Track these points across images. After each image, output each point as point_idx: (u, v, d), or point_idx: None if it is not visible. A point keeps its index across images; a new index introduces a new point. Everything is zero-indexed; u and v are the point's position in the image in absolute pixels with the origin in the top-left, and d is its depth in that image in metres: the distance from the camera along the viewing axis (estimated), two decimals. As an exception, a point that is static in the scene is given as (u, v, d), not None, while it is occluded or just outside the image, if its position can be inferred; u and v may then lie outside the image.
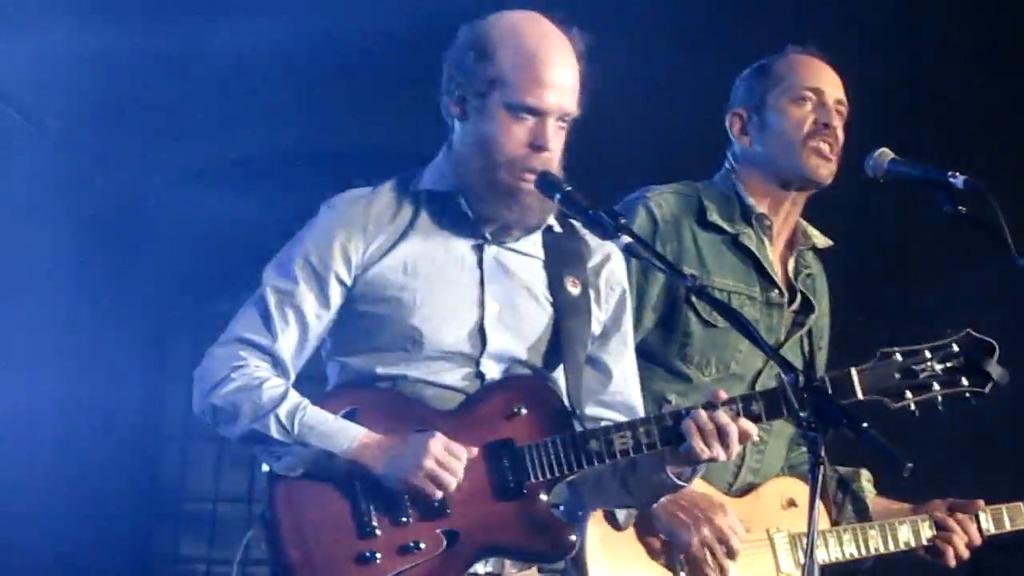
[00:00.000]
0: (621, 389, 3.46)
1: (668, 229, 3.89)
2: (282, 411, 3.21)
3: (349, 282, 3.32)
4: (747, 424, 3.20)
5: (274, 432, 3.21)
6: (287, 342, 3.30)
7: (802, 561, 3.81)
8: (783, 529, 3.88)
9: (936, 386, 3.32)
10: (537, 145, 3.26)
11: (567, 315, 3.38)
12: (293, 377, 3.32)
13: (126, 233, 6.84)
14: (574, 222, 3.43)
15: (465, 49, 3.32)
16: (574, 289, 3.40)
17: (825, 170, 3.90)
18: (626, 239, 3.16)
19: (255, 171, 6.79)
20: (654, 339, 3.88)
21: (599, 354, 3.45)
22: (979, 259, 3.74)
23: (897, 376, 3.31)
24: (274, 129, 6.70)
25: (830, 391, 3.30)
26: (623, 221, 3.17)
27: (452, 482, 3.16)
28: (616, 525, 3.70)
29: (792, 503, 3.90)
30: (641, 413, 3.42)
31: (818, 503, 3.72)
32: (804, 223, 4.04)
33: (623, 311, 3.49)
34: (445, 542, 3.20)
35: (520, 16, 3.35)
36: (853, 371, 3.32)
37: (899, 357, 3.31)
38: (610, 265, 3.48)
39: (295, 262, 3.32)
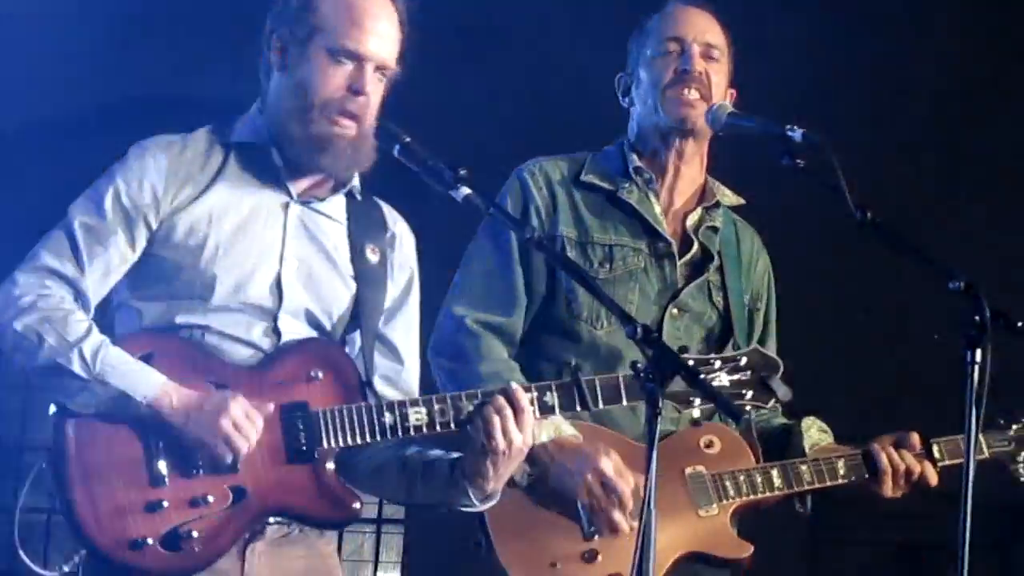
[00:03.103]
0: (410, 371, 3.49)
1: (542, 195, 3.91)
2: (86, 346, 3.18)
3: (155, 226, 3.31)
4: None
5: (76, 367, 3.16)
6: (92, 276, 3.27)
7: (723, 499, 3.83)
8: (699, 468, 3.86)
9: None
10: (355, 89, 3.31)
11: (366, 283, 3.41)
12: (92, 312, 3.29)
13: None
14: (376, 198, 3.48)
15: (287, 1, 3.37)
16: (373, 256, 3.43)
17: (684, 112, 3.90)
18: (465, 190, 3.19)
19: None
20: (547, 304, 3.90)
21: (386, 331, 3.48)
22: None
23: (685, 383, 3.29)
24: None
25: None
26: (463, 172, 3.19)
27: (244, 447, 3.16)
28: (513, 483, 3.65)
29: (710, 444, 3.89)
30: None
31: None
32: (712, 180, 4.06)
33: (410, 291, 3.52)
34: (232, 498, 3.19)
35: None
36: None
37: (690, 363, 3.31)
38: (401, 241, 3.52)
39: (106, 199, 3.29)
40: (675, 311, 3.92)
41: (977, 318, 3.26)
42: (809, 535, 5.98)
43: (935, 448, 3.98)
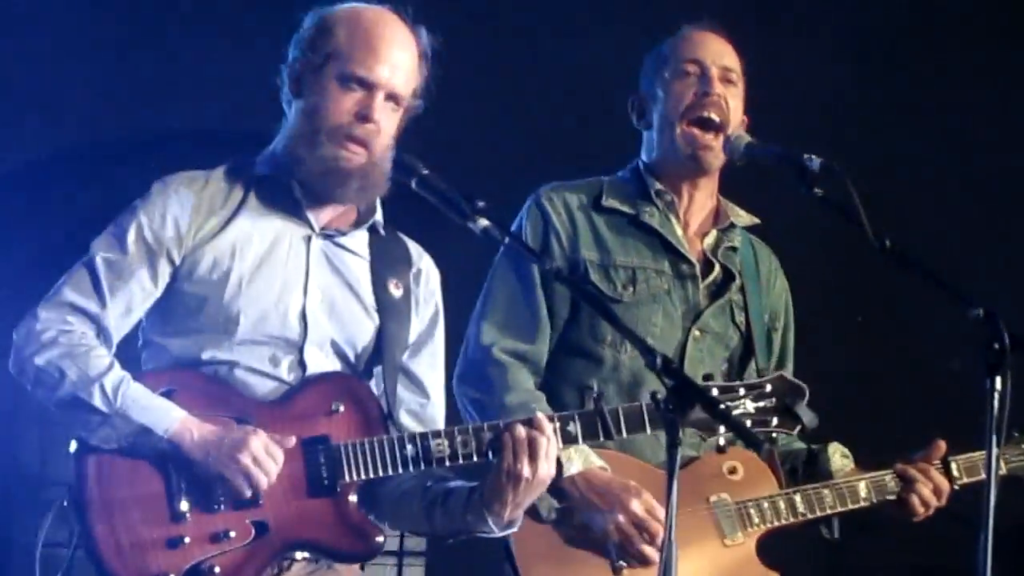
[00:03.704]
0: (435, 405, 3.49)
1: (561, 221, 3.92)
2: (107, 381, 3.18)
3: (178, 261, 3.32)
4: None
5: (97, 401, 3.17)
6: (114, 312, 3.28)
7: (748, 526, 3.82)
8: (724, 496, 3.85)
9: (748, 424, 3.35)
10: (362, 115, 3.32)
11: (388, 317, 3.41)
12: (115, 348, 3.30)
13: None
14: (398, 233, 3.50)
15: (307, 29, 3.40)
16: (397, 291, 3.44)
17: (701, 155, 3.90)
18: (484, 222, 3.18)
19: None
20: (570, 328, 3.90)
21: (410, 364, 3.48)
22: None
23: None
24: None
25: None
26: (481, 205, 3.19)
27: (264, 482, 3.16)
28: (539, 518, 3.67)
29: (734, 470, 3.88)
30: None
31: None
32: (725, 201, 4.06)
33: (435, 326, 3.53)
34: (254, 532, 3.19)
35: (363, 4, 3.42)
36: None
37: (715, 392, 3.33)
38: (427, 277, 3.53)
39: (128, 234, 3.30)
40: (698, 333, 3.92)
41: (996, 345, 3.27)
42: (830, 562, 5.95)
43: (953, 466, 3.98)
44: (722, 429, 3.26)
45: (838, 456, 4.01)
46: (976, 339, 3.30)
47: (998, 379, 3.25)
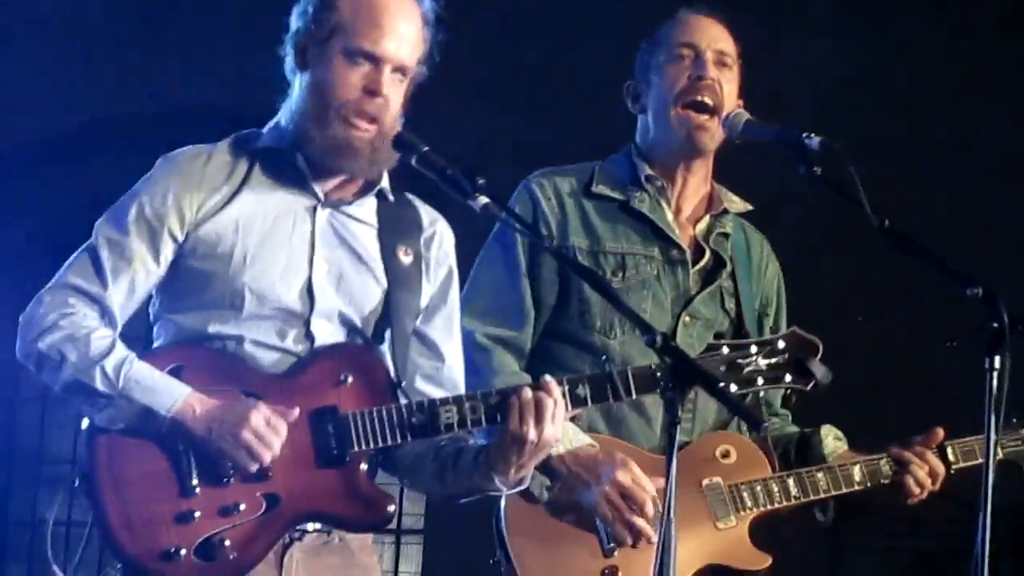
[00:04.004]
0: (452, 367, 3.48)
1: (551, 206, 3.92)
2: (108, 363, 3.19)
3: (181, 238, 3.31)
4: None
5: (99, 384, 3.17)
6: (117, 293, 3.28)
7: (740, 510, 3.84)
8: (716, 480, 3.87)
9: (760, 380, 3.35)
10: (370, 90, 3.30)
11: (398, 284, 3.40)
12: (119, 329, 3.30)
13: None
14: (409, 195, 3.47)
15: (310, 1, 3.38)
16: (406, 258, 3.43)
17: (696, 135, 3.91)
18: (483, 200, 3.18)
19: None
20: (558, 316, 3.91)
21: (425, 329, 3.47)
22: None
23: (723, 369, 3.33)
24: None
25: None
26: (481, 182, 3.19)
27: (267, 457, 3.16)
28: (532, 497, 3.69)
29: (726, 454, 3.89)
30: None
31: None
32: (719, 187, 4.07)
33: (449, 287, 3.52)
34: (265, 505, 3.20)
35: None
36: None
37: (726, 350, 3.34)
38: (440, 239, 3.51)
39: (129, 214, 3.30)
40: (687, 319, 3.94)
41: (996, 324, 3.29)
42: (828, 544, 5.99)
43: (949, 451, 3.99)
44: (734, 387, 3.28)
45: (831, 439, 4.03)
46: (975, 319, 3.34)
47: (997, 358, 3.28)
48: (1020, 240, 6.29)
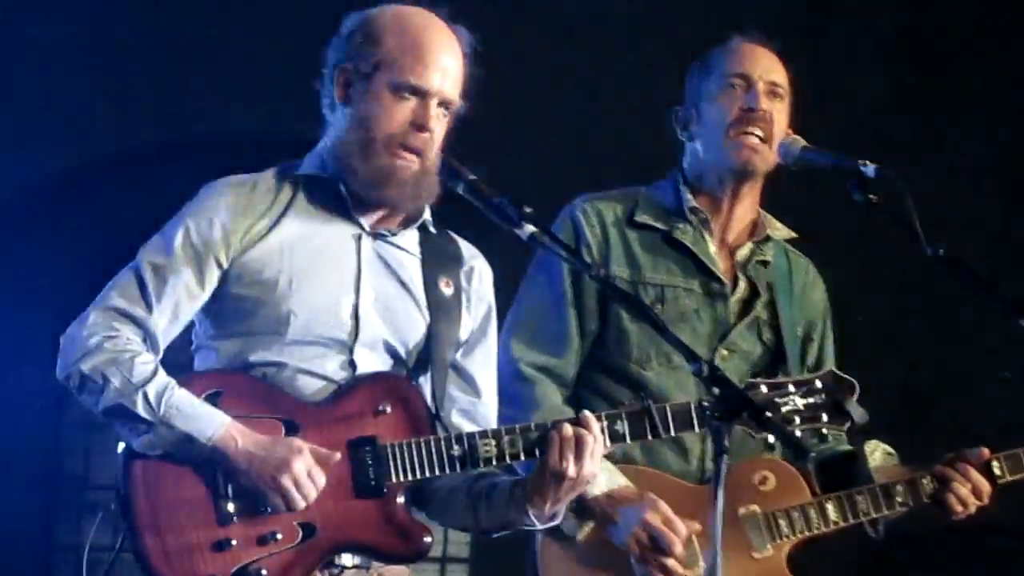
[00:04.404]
0: (488, 404, 3.48)
1: (594, 234, 3.90)
2: (151, 389, 3.18)
3: (226, 264, 3.30)
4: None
5: (140, 410, 3.16)
6: (161, 317, 3.27)
7: (776, 538, 3.81)
8: (753, 508, 3.83)
9: (797, 420, 3.33)
10: (417, 124, 3.30)
11: (440, 316, 3.39)
12: (161, 354, 3.29)
13: (26, 223, 6.84)
14: (449, 232, 3.48)
15: (351, 34, 3.37)
16: (447, 290, 3.42)
17: (747, 156, 3.88)
18: (530, 228, 3.19)
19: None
20: (599, 345, 3.89)
21: (464, 362, 3.46)
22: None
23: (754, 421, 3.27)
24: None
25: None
26: (528, 210, 3.18)
27: (302, 505, 3.16)
28: (563, 535, 3.68)
29: (764, 480, 3.85)
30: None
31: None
32: (764, 214, 4.03)
33: (489, 323, 3.51)
34: (301, 534, 3.18)
35: (406, 7, 3.40)
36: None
37: (764, 389, 3.32)
38: (480, 275, 3.51)
39: (176, 239, 3.29)
40: (725, 352, 3.91)
41: None
42: (863, 568, 5.93)
43: (995, 464, 3.92)
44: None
45: (879, 453, 3.99)
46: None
47: None
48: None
